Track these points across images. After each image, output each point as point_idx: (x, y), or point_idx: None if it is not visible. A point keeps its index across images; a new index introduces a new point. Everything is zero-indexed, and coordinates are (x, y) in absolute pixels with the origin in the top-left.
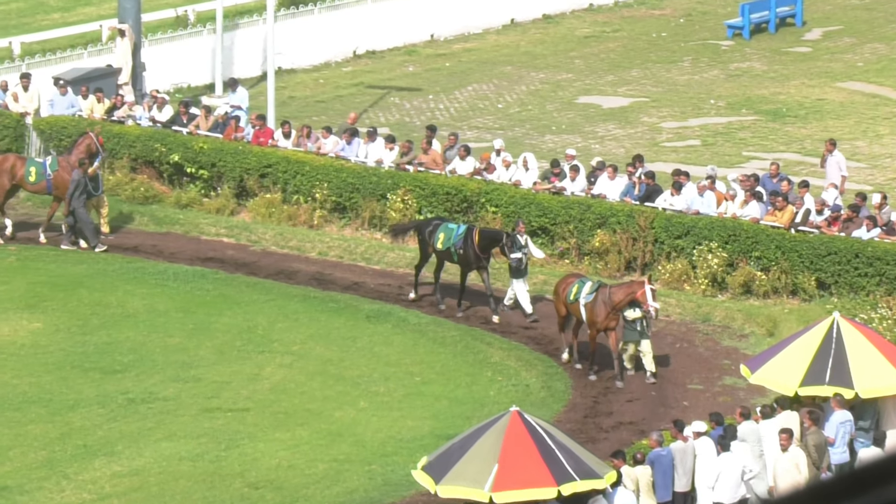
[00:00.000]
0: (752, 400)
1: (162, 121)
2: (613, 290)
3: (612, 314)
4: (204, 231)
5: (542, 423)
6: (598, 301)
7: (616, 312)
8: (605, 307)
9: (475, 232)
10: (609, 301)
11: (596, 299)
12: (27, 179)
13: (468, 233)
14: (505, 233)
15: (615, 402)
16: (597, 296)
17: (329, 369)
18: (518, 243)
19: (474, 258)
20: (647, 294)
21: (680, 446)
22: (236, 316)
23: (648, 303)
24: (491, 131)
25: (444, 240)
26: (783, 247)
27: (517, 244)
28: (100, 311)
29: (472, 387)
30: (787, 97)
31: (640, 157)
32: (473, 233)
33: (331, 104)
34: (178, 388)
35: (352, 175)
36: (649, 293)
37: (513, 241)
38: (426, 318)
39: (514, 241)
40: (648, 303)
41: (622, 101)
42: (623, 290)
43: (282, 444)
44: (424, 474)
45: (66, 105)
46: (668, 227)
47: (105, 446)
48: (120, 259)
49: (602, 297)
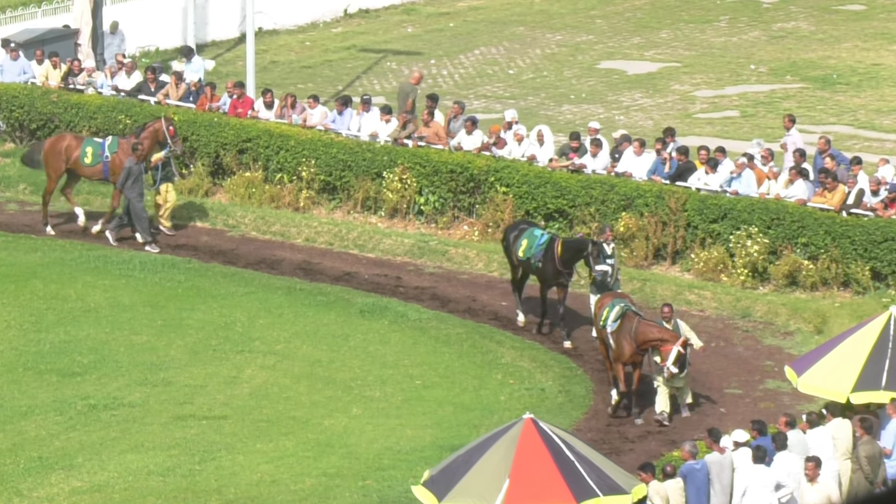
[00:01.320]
0: (798, 406)
1: (126, 89)
2: (643, 326)
3: (637, 351)
4: (175, 215)
5: (559, 432)
6: (623, 332)
7: (641, 351)
8: (630, 344)
9: (557, 243)
10: (634, 335)
11: (621, 329)
12: (82, 161)
13: (550, 243)
14: (590, 241)
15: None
16: (622, 324)
17: (317, 371)
18: (605, 253)
19: (553, 273)
20: (672, 354)
21: (716, 458)
22: (211, 311)
23: (668, 363)
24: (501, 101)
25: (525, 248)
26: (833, 232)
27: (604, 254)
28: (56, 305)
29: (479, 391)
30: (838, 62)
31: (672, 131)
32: (556, 243)
33: (318, 70)
34: (145, 393)
35: (343, 151)
36: (674, 355)
37: (599, 251)
38: (428, 314)
39: (601, 249)
40: (668, 363)
41: (650, 66)
42: (651, 331)
43: (264, 456)
44: (426, 490)
45: (17, 71)
46: (703, 210)
47: (63, 459)
48: (79, 246)
49: (628, 330)
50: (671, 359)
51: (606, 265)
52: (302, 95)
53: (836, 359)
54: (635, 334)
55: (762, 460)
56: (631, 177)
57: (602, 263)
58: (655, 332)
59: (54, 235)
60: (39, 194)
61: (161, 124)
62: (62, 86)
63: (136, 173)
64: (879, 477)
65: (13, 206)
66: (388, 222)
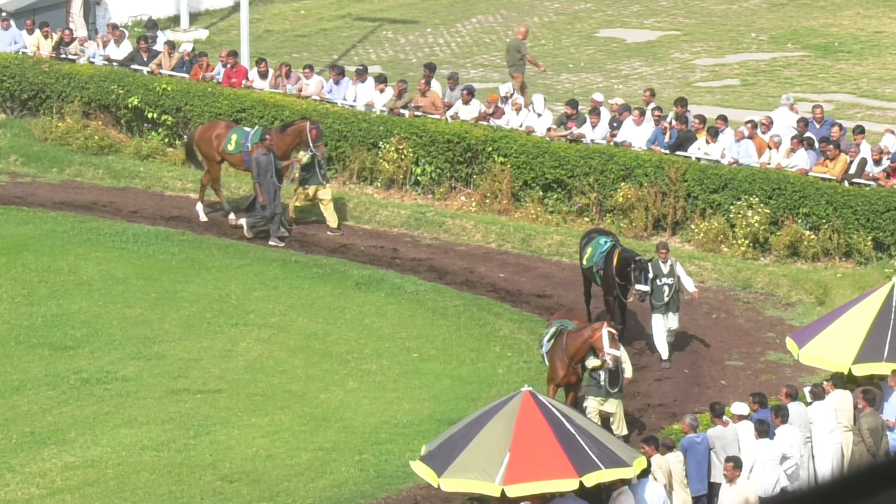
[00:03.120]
0: (800, 378)
1: (118, 59)
2: (570, 335)
3: (571, 368)
4: (168, 186)
5: (558, 405)
6: (555, 351)
7: (575, 365)
8: (562, 359)
9: (616, 252)
10: (565, 349)
11: (553, 348)
12: (226, 147)
13: (610, 252)
14: (636, 257)
15: (643, 381)
16: (554, 344)
17: (313, 344)
18: (646, 273)
19: (611, 283)
20: (604, 338)
21: (718, 432)
22: (206, 283)
23: (605, 349)
24: (498, 70)
25: (588, 256)
26: (835, 202)
27: (646, 273)
28: (49, 277)
29: (477, 364)
30: (840, 29)
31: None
32: (614, 252)
33: (313, 39)
34: (138, 367)
35: (339, 121)
36: (606, 337)
37: (641, 269)
38: (424, 286)
39: (643, 268)
40: (605, 349)
41: (649, 34)
42: (578, 336)
43: (259, 430)
44: (424, 465)
45: (7, 41)
46: (703, 180)
47: (55, 434)
48: (72, 218)
49: (559, 346)
50: (605, 343)
51: (645, 286)
52: (297, 65)
53: (838, 330)
54: (566, 347)
55: (766, 434)
56: (630, 146)
57: (643, 283)
58: (583, 334)
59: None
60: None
61: (304, 127)
62: (53, 55)
63: (263, 164)
64: (882, 449)
65: (4, 178)
66: (385, 193)
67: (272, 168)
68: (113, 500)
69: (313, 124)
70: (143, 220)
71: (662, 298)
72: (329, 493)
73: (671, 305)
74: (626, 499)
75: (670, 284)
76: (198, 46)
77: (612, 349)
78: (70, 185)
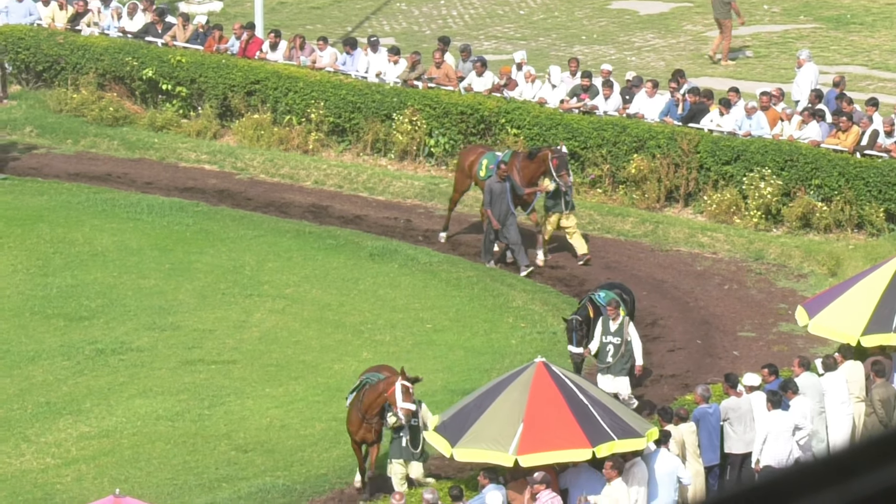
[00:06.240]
0: (812, 349)
1: (133, 31)
2: (368, 389)
3: (366, 424)
4: (182, 157)
5: (571, 376)
6: (354, 404)
7: (370, 421)
8: (358, 413)
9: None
10: (361, 402)
11: (353, 403)
12: (477, 173)
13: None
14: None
15: (655, 352)
16: (355, 398)
17: (327, 315)
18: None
19: None
20: (397, 392)
21: (732, 403)
22: (220, 254)
23: (398, 403)
24: (512, 42)
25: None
26: (847, 173)
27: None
28: (63, 248)
29: (490, 335)
30: (852, 1)
31: (682, 73)
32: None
33: (327, 11)
34: (153, 338)
35: (352, 92)
36: (399, 391)
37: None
38: (438, 257)
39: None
40: (398, 403)
41: (662, 6)
42: (373, 390)
43: (273, 400)
44: (438, 436)
45: (22, 13)
46: (715, 152)
47: (70, 404)
48: (86, 189)
49: (356, 400)
50: (399, 397)
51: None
52: (311, 37)
53: (849, 301)
54: (361, 401)
55: (779, 405)
56: (643, 118)
57: (573, 344)
58: (377, 387)
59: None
60: (46, 136)
61: (547, 155)
62: (69, 27)
63: (496, 192)
64: (894, 420)
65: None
66: (398, 164)
67: (507, 195)
68: (128, 469)
69: (555, 153)
70: (158, 191)
71: (605, 359)
72: (343, 463)
73: (615, 368)
74: (638, 469)
75: (616, 344)
76: (212, 19)
77: (406, 403)
78: (85, 156)
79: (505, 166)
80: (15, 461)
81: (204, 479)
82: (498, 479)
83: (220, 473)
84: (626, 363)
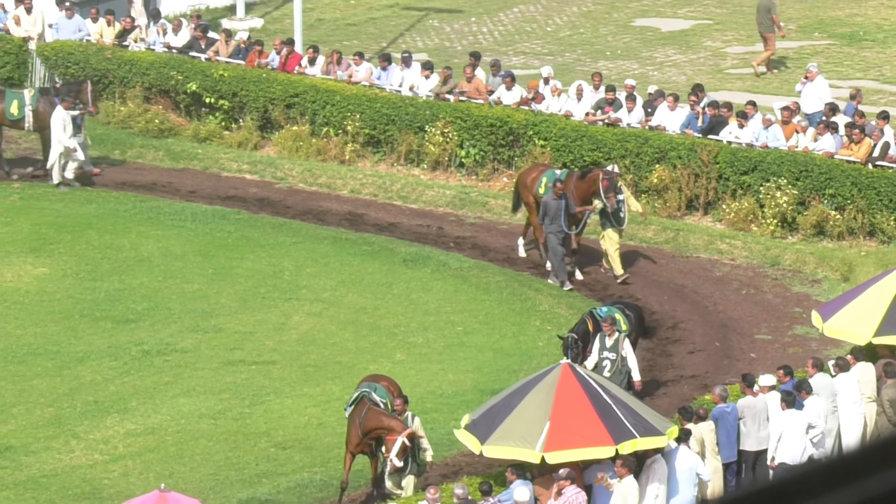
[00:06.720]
0: (826, 351)
1: (177, 46)
2: (371, 414)
3: (365, 441)
4: (224, 167)
5: (595, 377)
6: (353, 418)
7: (370, 440)
8: (357, 430)
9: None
10: (362, 423)
11: (352, 415)
12: (537, 190)
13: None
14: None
15: (676, 353)
16: (354, 410)
17: (362, 318)
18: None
19: None
20: (394, 447)
21: (748, 402)
22: (260, 260)
23: (391, 456)
24: (539, 57)
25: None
26: (860, 183)
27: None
28: (111, 254)
29: (518, 337)
30: (865, 19)
31: (701, 87)
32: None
33: (363, 27)
34: (196, 339)
35: (387, 105)
36: (397, 447)
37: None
38: (468, 263)
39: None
40: (391, 456)
41: (683, 23)
42: (377, 421)
43: (311, 399)
44: (468, 434)
45: (72, 29)
46: (734, 162)
47: (117, 403)
48: (133, 198)
49: (357, 415)
50: (395, 450)
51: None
52: (347, 52)
53: (861, 305)
54: (363, 421)
55: (793, 404)
56: (665, 130)
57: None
58: (383, 421)
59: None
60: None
61: (599, 175)
62: (116, 43)
63: (552, 209)
64: None
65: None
66: (431, 174)
67: (562, 213)
68: (172, 465)
69: (606, 175)
70: (201, 199)
71: (602, 374)
72: None
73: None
74: (659, 466)
75: (612, 360)
76: (253, 35)
77: (397, 460)
78: (131, 166)
79: (561, 184)
80: (65, 457)
81: (245, 475)
82: (525, 475)
83: (260, 469)
84: (623, 379)
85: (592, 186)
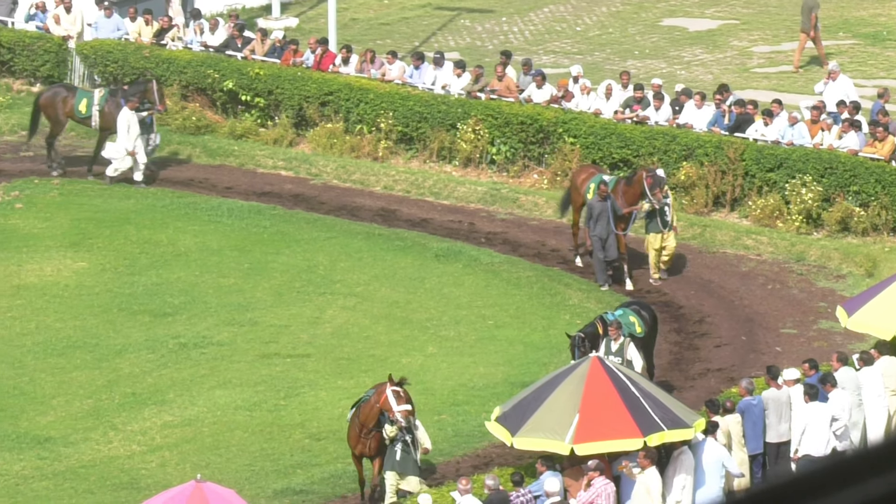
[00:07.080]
0: (850, 345)
1: (214, 45)
2: (363, 404)
3: (363, 437)
4: (260, 163)
5: (624, 370)
6: (352, 420)
7: (368, 434)
8: (356, 427)
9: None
10: (357, 417)
11: (352, 418)
12: (585, 194)
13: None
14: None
15: (703, 347)
16: (354, 413)
17: (395, 312)
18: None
19: None
20: (390, 398)
21: (773, 395)
22: (295, 255)
23: (394, 408)
24: (569, 56)
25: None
26: (884, 180)
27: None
28: (149, 249)
29: (548, 331)
30: (889, 19)
31: (726, 86)
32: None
33: (396, 27)
34: (232, 333)
35: (419, 103)
36: (391, 396)
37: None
38: (499, 258)
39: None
40: (394, 408)
41: (710, 23)
42: (367, 403)
43: (345, 392)
44: (499, 425)
45: (111, 28)
46: (760, 160)
47: (155, 395)
48: (170, 194)
49: (354, 416)
50: (393, 403)
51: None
52: (381, 51)
53: (885, 300)
54: (358, 416)
55: (816, 397)
56: (692, 128)
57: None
58: (371, 399)
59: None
60: None
61: (643, 174)
62: (154, 42)
63: (596, 211)
64: None
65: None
66: (462, 171)
67: (607, 215)
68: (209, 456)
69: (649, 173)
70: (237, 195)
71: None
72: None
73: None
74: (686, 458)
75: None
76: (288, 34)
77: (402, 405)
78: (169, 162)
79: (605, 186)
80: (104, 448)
81: (280, 466)
82: (555, 466)
83: (294, 460)
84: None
85: (639, 188)
